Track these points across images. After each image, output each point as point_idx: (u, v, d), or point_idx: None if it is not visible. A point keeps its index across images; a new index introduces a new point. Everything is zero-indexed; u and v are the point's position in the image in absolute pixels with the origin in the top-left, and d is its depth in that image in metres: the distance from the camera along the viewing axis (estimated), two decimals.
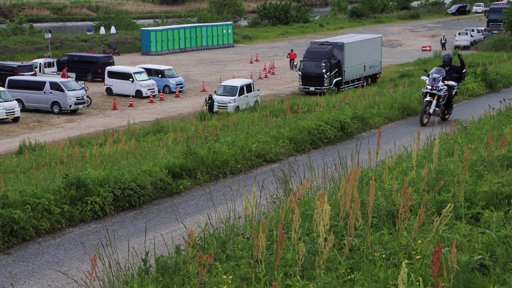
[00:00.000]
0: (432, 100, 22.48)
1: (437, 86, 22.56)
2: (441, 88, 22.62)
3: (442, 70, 23.23)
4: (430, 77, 22.87)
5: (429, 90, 22.58)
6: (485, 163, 9.80)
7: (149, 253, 7.85)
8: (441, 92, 22.61)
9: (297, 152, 18.55)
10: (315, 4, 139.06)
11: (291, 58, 55.43)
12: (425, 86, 23.15)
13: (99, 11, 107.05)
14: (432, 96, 22.57)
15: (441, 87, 22.66)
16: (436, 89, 22.54)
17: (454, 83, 23.24)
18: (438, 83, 22.62)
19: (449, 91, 23.03)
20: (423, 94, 22.90)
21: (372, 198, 7.03)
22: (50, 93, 38.09)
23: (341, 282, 6.40)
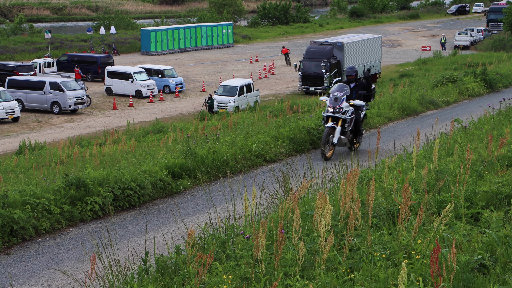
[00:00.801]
0: (335, 126, 17.10)
1: (340, 108, 17.11)
2: (346, 110, 17.26)
3: (346, 87, 17.75)
4: (331, 96, 17.38)
5: (331, 113, 17.16)
6: (485, 163, 9.80)
7: (149, 253, 7.85)
8: (346, 115, 17.24)
9: (297, 152, 18.55)
10: (315, 4, 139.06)
11: (284, 52, 58.44)
12: (325, 109, 17.84)
13: (98, 11, 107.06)
14: (335, 121, 17.21)
15: (346, 109, 17.26)
16: (340, 111, 17.17)
17: (361, 102, 17.73)
18: (341, 104, 17.15)
19: (356, 113, 17.73)
20: (324, 119, 17.54)
21: (372, 198, 7.03)
22: (50, 93, 38.10)
23: (341, 282, 6.40)
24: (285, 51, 58.93)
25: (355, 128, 17.76)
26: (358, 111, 17.75)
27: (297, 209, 6.59)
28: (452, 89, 30.94)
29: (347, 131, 17.31)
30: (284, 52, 58.89)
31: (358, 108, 17.79)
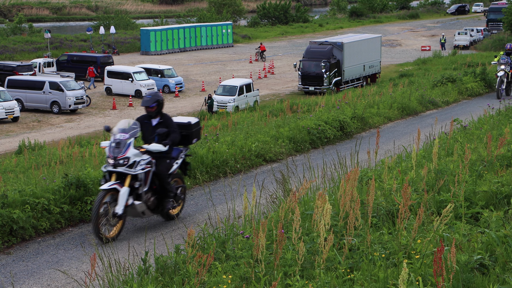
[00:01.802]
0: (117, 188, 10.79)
1: (125, 158, 10.86)
2: (136, 160, 10.95)
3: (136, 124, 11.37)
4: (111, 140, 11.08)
5: (112, 167, 10.90)
6: (485, 162, 9.81)
7: (148, 253, 7.85)
8: (137, 168, 10.95)
9: (297, 151, 18.56)
10: (314, 4, 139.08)
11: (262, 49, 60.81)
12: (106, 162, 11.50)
13: (98, 10, 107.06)
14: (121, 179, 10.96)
15: (135, 158, 10.97)
16: (125, 163, 10.87)
17: (160, 146, 11.30)
18: (126, 151, 10.87)
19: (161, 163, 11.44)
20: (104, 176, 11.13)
21: (372, 197, 7.04)
22: (50, 92, 38.10)
23: (341, 282, 6.40)
24: (262, 48, 61.08)
25: (161, 187, 11.41)
26: (164, 160, 11.49)
27: (297, 209, 6.59)
28: (452, 89, 30.95)
29: (142, 193, 11.00)
30: (262, 49, 60.99)
31: (165, 156, 11.53)
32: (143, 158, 11.08)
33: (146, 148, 11.21)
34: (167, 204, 11.53)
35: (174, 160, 11.84)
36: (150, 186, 11.22)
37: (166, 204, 11.53)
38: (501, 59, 29.14)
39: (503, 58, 29.01)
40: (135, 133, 11.17)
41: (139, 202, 11.00)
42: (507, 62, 28.85)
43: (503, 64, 28.90)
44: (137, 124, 11.32)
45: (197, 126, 12.64)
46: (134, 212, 11.19)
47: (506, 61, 28.81)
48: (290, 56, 61.91)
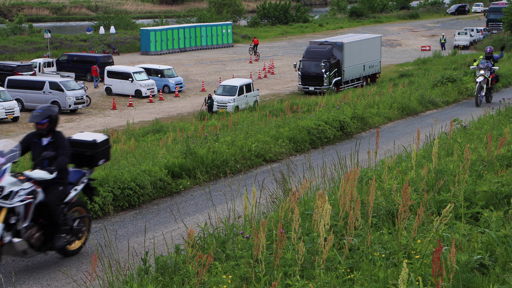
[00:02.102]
0: None
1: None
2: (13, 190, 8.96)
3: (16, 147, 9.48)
4: None
5: None
6: (485, 162, 9.80)
7: (148, 253, 7.85)
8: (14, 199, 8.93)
9: (297, 151, 18.56)
10: (314, 4, 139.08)
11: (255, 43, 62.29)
12: None
13: (98, 10, 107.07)
14: None
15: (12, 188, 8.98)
16: None
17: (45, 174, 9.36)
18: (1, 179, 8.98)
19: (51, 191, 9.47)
20: None
21: (372, 197, 7.04)
22: (50, 92, 38.10)
23: (341, 282, 6.40)
24: (255, 42, 62.47)
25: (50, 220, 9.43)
26: (55, 187, 9.50)
27: (296, 209, 6.59)
28: (452, 89, 30.93)
29: (21, 229, 9.02)
30: (255, 42, 62.42)
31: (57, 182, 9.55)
32: (23, 187, 9.00)
33: (27, 175, 9.20)
34: (57, 240, 9.47)
35: (72, 186, 9.92)
36: (36, 219, 9.25)
37: (57, 240, 9.47)
38: (480, 64, 26.73)
39: (482, 63, 26.57)
40: (14, 157, 9.20)
41: (18, 239, 8.95)
42: (486, 67, 26.39)
43: (482, 69, 26.44)
44: (18, 147, 9.36)
45: (105, 145, 10.64)
46: (12, 251, 9.11)
47: (485, 65, 26.36)
48: (290, 56, 61.92)
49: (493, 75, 26.63)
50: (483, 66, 26.42)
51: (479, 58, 27.33)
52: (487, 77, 26.20)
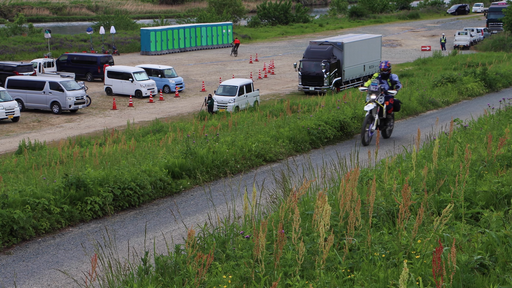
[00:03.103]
0: None
1: None
2: None
3: None
4: None
5: None
6: (485, 162, 9.80)
7: (148, 253, 7.85)
8: None
9: (297, 151, 18.55)
10: (314, 4, 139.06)
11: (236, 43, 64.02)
12: None
13: (98, 11, 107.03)
14: None
15: None
16: None
17: None
18: None
19: None
20: None
21: (373, 198, 7.03)
22: (50, 93, 38.09)
23: (341, 282, 6.40)
24: (236, 42, 64.05)
25: None
26: None
27: (296, 209, 6.59)
28: (452, 89, 30.94)
29: None
30: (235, 42, 64.04)
31: None
32: None
33: None
34: None
35: None
36: None
37: None
38: (371, 86, 19.42)
39: (374, 84, 19.36)
40: None
41: None
42: (380, 90, 19.32)
43: (374, 93, 19.24)
44: None
45: None
46: None
47: (378, 88, 19.30)
48: (290, 56, 61.91)
49: (390, 101, 19.70)
50: (374, 88, 19.25)
51: (373, 77, 20.25)
52: (380, 104, 19.27)
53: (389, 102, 19.48)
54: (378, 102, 19.07)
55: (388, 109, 19.56)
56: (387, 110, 19.60)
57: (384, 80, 19.64)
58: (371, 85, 19.34)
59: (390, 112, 19.82)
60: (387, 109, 19.58)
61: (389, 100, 19.51)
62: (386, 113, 19.63)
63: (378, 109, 19.23)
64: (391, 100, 19.61)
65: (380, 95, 19.23)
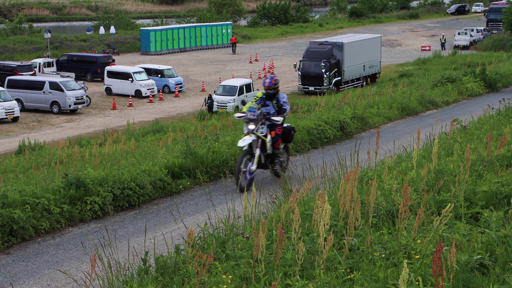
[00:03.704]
0: None
1: None
2: None
3: None
4: None
5: None
6: (485, 162, 9.80)
7: (148, 253, 7.85)
8: None
9: (297, 151, 18.55)
10: (314, 4, 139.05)
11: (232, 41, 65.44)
12: None
13: (98, 11, 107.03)
14: None
15: None
16: None
17: None
18: None
19: None
20: None
21: (373, 197, 7.03)
22: (50, 93, 38.10)
23: (341, 282, 6.40)
24: (233, 40, 65.19)
25: None
26: None
27: (296, 209, 6.59)
28: (452, 89, 30.95)
29: None
30: (232, 41, 65.27)
31: None
32: None
33: None
34: None
35: None
36: None
37: None
38: (248, 112, 14.20)
39: (251, 110, 14.18)
40: None
41: None
42: (260, 117, 14.26)
43: (252, 122, 14.16)
44: None
45: None
46: None
47: (258, 114, 14.20)
48: (290, 56, 61.92)
49: (277, 131, 14.47)
50: (253, 116, 14.18)
51: (254, 98, 14.96)
52: (261, 136, 14.24)
53: (275, 133, 14.36)
54: (258, 134, 14.09)
55: (275, 141, 14.39)
56: (274, 143, 14.44)
57: (269, 102, 14.72)
58: (248, 112, 14.17)
59: (278, 146, 14.54)
60: (274, 142, 14.42)
61: (276, 130, 14.38)
62: (273, 147, 14.47)
63: (260, 142, 14.17)
64: (278, 130, 14.42)
65: (261, 124, 14.21)
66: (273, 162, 14.44)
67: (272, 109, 14.67)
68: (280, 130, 14.54)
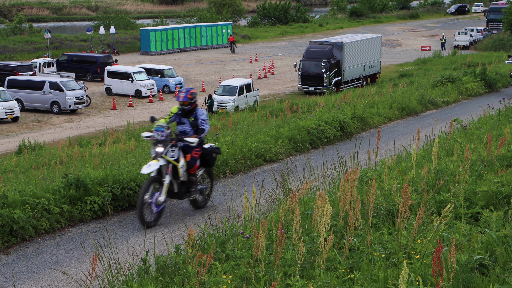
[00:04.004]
0: None
1: None
2: None
3: None
4: None
5: None
6: (485, 162, 9.80)
7: (148, 253, 7.85)
8: None
9: (297, 151, 18.56)
10: (314, 4, 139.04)
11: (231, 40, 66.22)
12: None
13: (98, 11, 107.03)
14: None
15: None
16: None
17: None
18: None
19: None
20: None
21: (373, 197, 7.03)
22: (50, 93, 38.10)
23: (341, 282, 6.40)
24: (231, 39, 65.92)
25: None
26: None
27: (297, 209, 6.59)
28: (452, 89, 30.95)
29: None
30: (230, 40, 66.07)
31: None
32: None
33: None
34: None
35: None
36: None
37: None
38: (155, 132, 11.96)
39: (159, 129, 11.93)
40: None
41: None
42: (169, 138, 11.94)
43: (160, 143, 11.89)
44: None
45: None
46: None
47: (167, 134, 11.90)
48: (290, 56, 61.92)
49: (194, 154, 12.21)
50: (160, 136, 11.90)
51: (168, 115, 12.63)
52: (172, 160, 11.94)
53: (191, 156, 12.14)
54: (168, 158, 11.85)
55: (191, 166, 12.15)
56: (189, 168, 12.19)
57: (186, 120, 12.46)
58: (155, 131, 11.90)
59: (194, 172, 12.22)
60: (189, 167, 12.17)
61: (192, 152, 12.17)
62: (188, 173, 12.22)
63: (170, 168, 11.89)
64: (195, 152, 12.18)
65: (172, 146, 11.99)
66: (189, 191, 12.29)
67: (188, 128, 12.39)
68: (198, 152, 12.20)
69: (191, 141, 12.02)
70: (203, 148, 12.46)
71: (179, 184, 12.14)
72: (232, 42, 65.21)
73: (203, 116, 12.42)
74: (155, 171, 11.64)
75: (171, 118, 12.42)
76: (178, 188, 12.13)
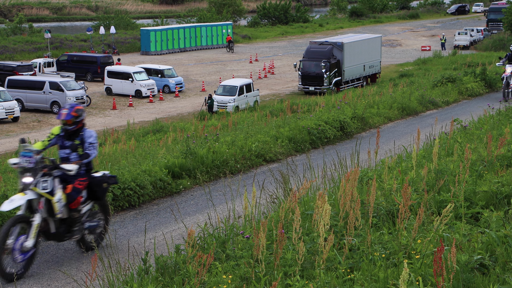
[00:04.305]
0: None
1: None
2: None
3: None
4: None
5: None
6: (485, 162, 9.80)
7: (149, 253, 7.85)
8: None
9: (297, 151, 18.55)
10: (314, 4, 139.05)
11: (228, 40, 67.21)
12: None
13: (98, 11, 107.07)
14: None
15: None
16: None
17: None
18: None
19: None
20: None
21: (373, 197, 7.03)
22: (50, 92, 38.10)
23: (341, 282, 6.40)
24: (228, 39, 66.48)
25: None
26: None
27: (297, 209, 6.59)
28: (452, 89, 30.93)
29: None
30: (227, 39, 67.07)
31: None
32: None
33: None
34: None
35: None
36: None
37: None
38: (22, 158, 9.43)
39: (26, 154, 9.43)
40: None
41: None
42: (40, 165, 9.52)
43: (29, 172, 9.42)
44: None
45: None
46: None
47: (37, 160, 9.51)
48: (290, 56, 61.92)
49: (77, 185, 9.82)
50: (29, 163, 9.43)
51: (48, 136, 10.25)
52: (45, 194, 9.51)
53: (73, 187, 9.76)
54: (39, 191, 9.42)
55: (72, 199, 9.73)
56: (70, 203, 9.75)
57: (68, 142, 10.10)
58: (21, 157, 9.46)
59: (76, 207, 9.84)
60: (70, 200, 9.74)
61: (75, 183, 9.82)
62: (69, 209, 9.80)
63: (42, 202, 9.46)
64: (79, 183, 9.86)
65: (43, 175, 9.54)
66: (71, 230, 9.84)
67: (73, 153, 10.03)
68: (83, 183, 9.89)
69: (68, 169, 9.58)
70: (90, 177, 10.06)
71: (58, 222, 9.65)
72: (229, 41, 65.56)
73: (91, 139, 10.05)
74: (23, 207, 9.22)
75: (51, 140, 10.00)
76: (56, 227, 9.64)
